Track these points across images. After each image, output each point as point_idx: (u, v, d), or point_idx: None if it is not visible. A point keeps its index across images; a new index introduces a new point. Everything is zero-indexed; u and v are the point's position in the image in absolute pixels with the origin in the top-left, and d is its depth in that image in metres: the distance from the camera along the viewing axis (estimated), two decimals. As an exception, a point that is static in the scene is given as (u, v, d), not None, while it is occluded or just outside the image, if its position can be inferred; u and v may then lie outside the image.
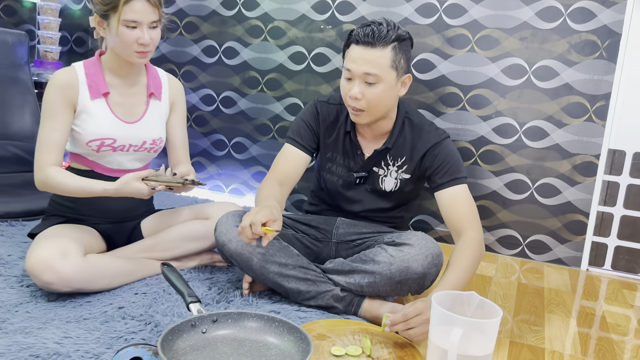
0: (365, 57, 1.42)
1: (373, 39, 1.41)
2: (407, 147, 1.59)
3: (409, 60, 1.50)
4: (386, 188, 1.62)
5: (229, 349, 1.09)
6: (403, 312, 1.25)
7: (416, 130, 1.58)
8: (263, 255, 1.48)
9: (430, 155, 1.56)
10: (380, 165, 1.61)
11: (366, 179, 1.63)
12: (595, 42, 2.09)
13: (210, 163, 2.84)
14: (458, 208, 1.50)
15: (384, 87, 1.44)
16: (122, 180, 1.44)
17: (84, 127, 1.53)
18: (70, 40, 3.09)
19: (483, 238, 1.47)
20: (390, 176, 1.61)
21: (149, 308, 1.39)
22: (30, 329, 1.24)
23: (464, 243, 1.44)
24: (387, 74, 1.43)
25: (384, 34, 1.41)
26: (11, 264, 1.62)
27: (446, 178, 1.53)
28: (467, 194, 1.53)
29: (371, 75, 1.42)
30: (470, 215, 1.49)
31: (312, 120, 1.63)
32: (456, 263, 1.39)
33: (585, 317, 1.71)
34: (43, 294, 1.44)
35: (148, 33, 1.48)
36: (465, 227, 1.46)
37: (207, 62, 2.77)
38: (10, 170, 2.44)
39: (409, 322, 1.24)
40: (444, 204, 1.53)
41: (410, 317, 1.24)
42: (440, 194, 1.54)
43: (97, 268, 1.44)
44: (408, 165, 1.59)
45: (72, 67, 1.55)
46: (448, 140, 1.58)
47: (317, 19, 2.52)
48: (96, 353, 1.16)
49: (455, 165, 1.54)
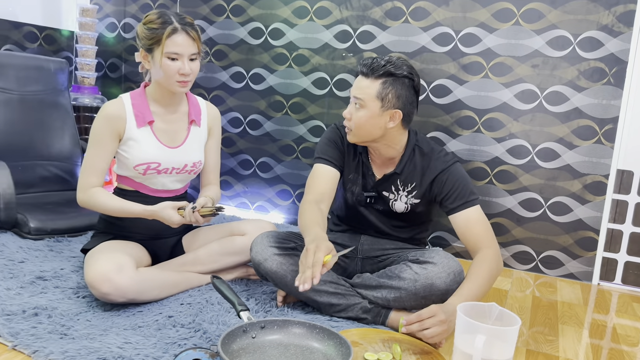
0: (358, 84, 1.60)
1: (367, 70, 1.58)
2: (417, 173, 1.69)
3: (402, 97, 1.58)
4: (397, 209, 1.73)
5: (276, 352, 1.22)
6: (418, 313, 1.37)
7: (426, 157, 1.69)
8: (296, 272, 1.60)
9: (439, 182, 1.66)
10: (390, 190, 1.72)
11: (377, 199, 1.74)
12: (603, 69, 2.23)
13: (236, 182, 2.99)
14: (473, 229, 1.60)
15: (366, 113, 1.58)
16: (159, 205, 1.61)
17: (131, 152, 1.68)
18: (105, 66, 3.28)
19: (500, 255, 1.58)
20: (401, 200, 1.72)
21: (196, 317, 1.53)
22: (94, 335, 1.38)
23: (481, 258, 1.54)
24: (371, 103, 1.57)
25: (377, 67, 1.57)
26: (65, 277, 1.77)
27: (457, 202, 1.62)
28: (479, 214, 1.62)
29: (358, 99, 1.59)
30: (486, 234, 1.59)
31: (338, 140, 1.74)
32: (472, 276, 1.50)
33: (597, 328, 1.82)
34: (99, 304, 1.58)
35: (188, 64, 1.64)
36: (482, 246, 1.57)
37: (235, 87, 2.93)
38: (51, 189, 2.60)
39: (423, 323, 1.35)
40: (459, 227, 1.62)
41: (424, 317, 1.35)
42: (453, 217, 1.63)
43: (148, 280, 1.59)
44: (417, 191, 1.70)
45: (120, 98, 1.71)
46: (456, 165, 1.67)
47: (339, 47, 2.68)
48: (155, 357, 1.30)
49: (464, 189, 1.63)
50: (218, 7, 2.93)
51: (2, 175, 2.15)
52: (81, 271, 1.82)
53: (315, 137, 2.78)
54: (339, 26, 2.67)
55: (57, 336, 1.37)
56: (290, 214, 2.88)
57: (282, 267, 1.60)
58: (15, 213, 2.16)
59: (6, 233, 2.17)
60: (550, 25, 2.29)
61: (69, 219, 2.26)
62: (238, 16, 2.89)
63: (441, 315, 1.36)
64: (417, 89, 1.63)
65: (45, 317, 1.46)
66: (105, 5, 3.23)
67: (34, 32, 2.97)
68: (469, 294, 1.46)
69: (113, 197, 1.66)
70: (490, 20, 2.38)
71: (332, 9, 2.68)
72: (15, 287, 1.65)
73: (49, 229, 2.18)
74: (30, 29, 2.95)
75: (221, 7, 2.92)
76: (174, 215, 1.60)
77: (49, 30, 3.05)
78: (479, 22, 2.40)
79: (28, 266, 1.83)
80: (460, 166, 1.69)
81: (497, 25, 2.37)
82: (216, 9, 2.93)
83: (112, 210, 1.64)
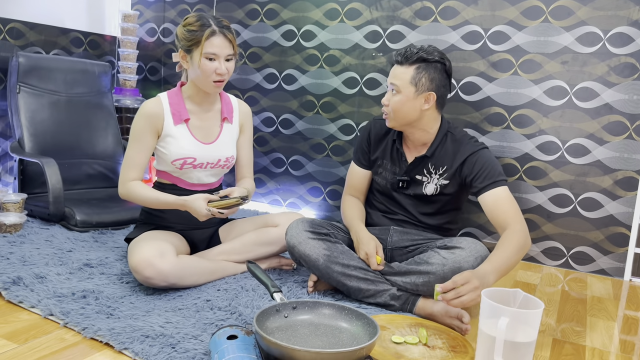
0: (394, 72, 1.74)
1: (401, 58, 1.72)
2: (449, 157, 1.78)
3: (435, 80, 1.71)
4: (427, 192, 1.81)
5: (307, 330, 1.29)
6: (453, 280, 1.37)
7: (457, 142, 1.78)
8: (328, 257, 1.68)
9: (469, 163, 1.73)
10: (422, 173, 1.81)
11: (409, 183, 1.83)
12: (634, 64, 2.23)
13: (269, 179, 3.09)
14: (501, 207, 1.64)
15: (402, 97, 1.71)
16: (192, 196, 1.69)
17: (169, 148, 1.78)
18: (145, 69, 3.43)
19: (528, 232, 1.59)
20: (432, 182, 1.80)
21: (232, 301, 1.62)
22: (137, 316, 1.48)
23: (510, 231, 1.57)
24: (406, 87, 1.71)
25: (410, 55, 1.70)
26: (110, 264, 1.89)
27: (486, 182, 1.68)
28: (508, 194, 1.67)
29: (393, 85, 1.73)
30: (514, 212, 1.63)
31: (365, 142, 1.93)
32: (503, 246, 1.52)
33: (627, 321, 1.82)
34: (142, 289, 1.69)
35: (224, 64, 1.73)
36: (511, 223, 1.60)
37: (268, 88, 3.03)
38: (96, 186, 2.75)
39: (459, 290, 1.36)
40: (487, 205, 1.67)
41: (460, 284, 1.36)
42: (482, 197, 1.69)
43: (188, 266, 1.68)
44: (448, 173, 1.78)
45: (158, 97, 1.81)
46: (485, 150, 1.75)
47: (369, 47, 2.74)
48: (194, 335, 1.39)
49: (493, 170, 1.69)
50: (252, 11, 3.04)
51: (51, 171, 2.29)
52: (124, 260, 1.94)
53: (346, 135, 2.85)
54: (369, 27, 2.73)
55: (104, 316, 1.47)
56: (322, 210, 2.96)
57: (315, 250, 1.68)
58: (63, 207, 2.30)
59: (55, 225, 2.32)
60: (580, 22, 2.30)
61: (112, 213, 2.39)
62: (271, 19, 2.99)
63: (475, 281, 1.37)
64: (449, 73, 1.76)
65: (93, 299, 1.57)
66: (146, 11, 3.38)
67: (80, 37, 3.14)
68: (499, 261, 1.48)
69: (150, 189, 1.76)
70: (519, 17, 2.40)
71: (362, 10, 2.75)
72: (65, 273, 1.77)
73: (94, 222, 2.31)
74: (76, 34, 3.12)
75: (255, 11, 3.03)
76: (203, 208, 1.66)
77: (93, 35, 3.21)
78: (507, 20, 2.43)
79: (75, 255, 1.96)
80: (490, 151, 1.76)
81: (526, 23, 2.39)
82: (251, 12, 3.04)
83: (148, 201, 1.75)
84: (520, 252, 1.55)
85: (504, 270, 1.49)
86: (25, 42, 2.86)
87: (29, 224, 2.29)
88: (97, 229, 2.31)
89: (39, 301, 1.53)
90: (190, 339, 1.36)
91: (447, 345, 1.42)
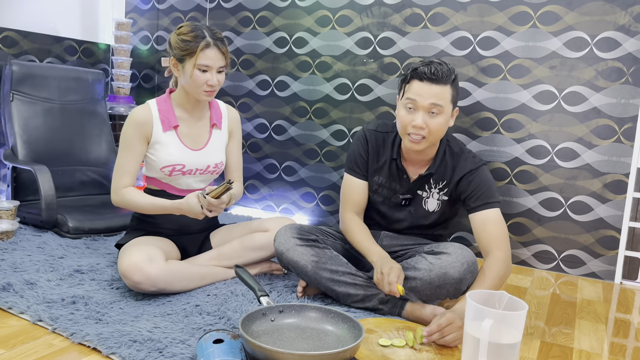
0: (431, 92, 1.58)
1: (438, 76, 1.58)
2: (449, 172, 1.75)
3: (458, 95, 1.68)
4: (429, 208, 1.79)
5: (293, 334, 1.30)
6: (437, 324, 1.41)
7: (455, 157, 1.75)
8: (316, 263, 1.69)
9: (466, 181, 1.72)
10: (424, 188, 1.78)
11: (411, 200, 1.80)
12: (621, 68, 2.25)
13: (262, 185, 3.10)
14: (488, 230, 1.64)
15: (444, 118, 1.61)
16: (184, 198, 1.70)
17: (158, 155, 1.80)
18: (139, 77, 3.45)
19: (510, 259, 1.61)
20: (433, 197, 1.78)
21: (221, 306, 1.62)
22: (126, 321, 1.49)
23: (491, 261, 1.58)
24: (448, 107, 1.61)
25: (446, 72, 1.59)
26: (101, 270, 1.89)
27: (479, 202, 1.67)
28: (498, 217, 1.66)
29: (437, 106, 1.59)
30: (500, 237, 1.62)
31: (363, 150, 1.81)
32: (483, 278, 1.54)
33: (616, 323, 1.83)
34: (131, 295, 1.69)
35: (216, 76, 1.75)
36: (494, 248, 1.61)
37: (261, 94, 3.05)
38: (89, 193, 2.76)
39: (443, 331, 1.41)
40: (476, 225, 1.67)
41: (444, 326, 1.41)
42: (473, 216, 1.69)
43: (177, 272, 1.69)
44: (448, 188, 1.76)
45: (147, 104, 1.82)
46: (484, 168, 1.73)
47: (360, 54, 2.77)
48: (182, 339, 1.39)
49: (488, 191, 1.68)
50: (245, 19, 3.06)
51: (44, 178, 2.30)
52: (115, 266, 1.94)
53: (338, 141, 2.87)
54: (360, 33, 2.76)
55: (93, 321, 1.48)
56: (315, 216, 2.97)
57: (303, 257, 1.68)
58: (56, 214, 2.31)
59: (47, 232, 2.32)
60: (568, 27, 2.32)
61: (104, 219, 2.40)
62: (264, 27, 3.01)
63: (458, 321, 1.41)
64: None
65: (82, 305, 1.58)
66: (139, 20, 3.41)
67: (74, 45, 3.16)
68: None
69: (143, 195, 1.77)
70: (507, 23, 2.43)
71: (353, 17, 2.77)
72: (55, 279, 1.77)
73: (87, 229, 2.32)
74: (70, 42, 3.14)
75: (248, 19, 3.05)
76: (197, 206, 1.67)
77: (87, 43, 3.23)
78: (496, 26, 2.45)
79: (67, 261, 1.96)
80: (487, 169, 1.73)
81: (514, 29, 2.42)
82: (243, 20, 3.07)
83: (143, 207, 1.75)
84: (500, 282, 1.55)
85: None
86: (19, 51, 2.88)
87: (21, 231, 2.30)
88: (90, 235, 2.32)
89: (28, 307, 1.54)
90: (177, 344, 1.37)
91: (434, 347, 1.43)
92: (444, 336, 1.41)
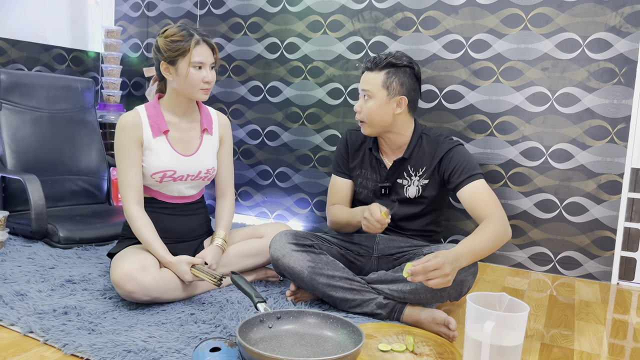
0: (364, 79, 1.79)
1: (371, 64, 1.77)
2: (427, 157, 1.81)
3: (405, 84, 1.76)
4: (410, 195, 1.82)
5: (292, 340, 1.27)
6: (424, 266, 1.37)
7: (432, 142, 1.82)
8: (313, 268, 1.66)
9: (446, 159, 1.77)
10: (403, 176, 1.84)
11: (390, 188, 1.85)
12: (613, 69, 2.26)
13: (256, 192, 3.07)
14: (479, 199, 1.67)
15: (374, 102, 1.76)
16: (177, 259, 1.66)
17: (148, 161, 1.77)
18: (129, 84, 3.42)
19: (507, 221, 1.61)
20: (413, 185, 1.82)
21: (216, 314, 1.59)
22: (119, 331, 1.46)
23: (489, 219, 1.59)
24: (378, 92, 1.75)
25: (379, 61, 1.75)
26: (93, 280, 1.86)
27: (463, 176, 1.72)
28: (485, 186, 1.70)
29: (366, 91, 1.77)
30: (492, 203, 1.65)
31: (344, 150, 1.96)
32: (480, 231, 1.55)
33: (615, 324, 1.82)
34: (125, 304, 1.66)
35: (210, 73, 1.74)
36: (489, 213, 1.62)
37: (253, 100, 3.03)
38: (80, 202, 2.72)
39: (428, 275, 1.37)
40: (466, 199, 1.69)
41: (430, 269, 1.37)
42: (461, 192, 1.72)
43: (171, 280, 1.66)
44: (427, 173, 1.80)
45: (136, 110, 1.79)
46: (460, 146, 1.79)
47: (352, 58, 2.76)
48: (177, 349, 1.36)
49: (469, 165, 1.74)
50: (236, 25, 3.05)
51: (33, 188, 2.26)
52: (108, 275, 1.91)
53: (331, 145, 2.85)
54: (352, 38, 2.75)
55: (86, 332, 1.44)
56: (309, 222, 2.94)
57: (299, 262, 1.66)
58: (46, 224, 2.27)
59: (37, 243, 2.28)
60: (559, 29, 2.33)
61: (96, 229, 2.36)
62: (255, 32, 2.99)
63: (446, 268, 1.38)
64: (418, 77, 1.81)
65: (75, 316, 1.54)
66: (129, 27, 3.38)
67: (63, 54, 3.13)
68: (474, 246, 1.51)
69: (147, 228, 1.71)
70: (499, 26, 2.43)
71: (344, 22, 2.76)
72: (47, 290, 1.73)
73: (77, 238, 2.28)
74: (59, 51, 3.10)
75: (239, 25, 3.04)
76: (187, 273, 1.65)
77: (76, 52, 3.20)
78: (488, 29, 2.45)
79: (58, 271, 1.92)
80: (465, 147, 1.80)
81: (506, 31, 2.42)
82: (234, 26, 3.05)
83: (140, 237, 1.71)
84: (498, 240, 1.56)
85: (479, 255, 1.52)
86: (7, 59, 2.84)
87: (11, 242, 2.25)
88: (81, 245, 2.28)
89: (19, 319, 1.50)
90: (173, 353, 1.34)
91: (435, 352, 1.41)
92: (428, 280, 1.38)
